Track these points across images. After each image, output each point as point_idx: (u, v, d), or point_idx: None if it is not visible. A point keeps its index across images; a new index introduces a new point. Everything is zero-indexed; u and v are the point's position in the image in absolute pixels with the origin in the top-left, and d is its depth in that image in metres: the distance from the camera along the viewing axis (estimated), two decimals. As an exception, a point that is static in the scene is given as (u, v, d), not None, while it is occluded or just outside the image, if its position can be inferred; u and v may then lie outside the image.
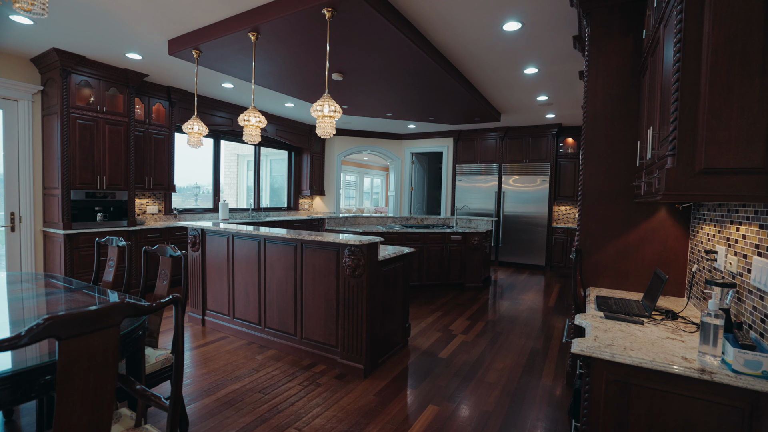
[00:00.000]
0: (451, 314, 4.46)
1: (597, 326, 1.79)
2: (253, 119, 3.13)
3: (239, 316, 3.58)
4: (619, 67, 2.60)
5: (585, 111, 2.70)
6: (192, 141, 3.59)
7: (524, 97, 5.48)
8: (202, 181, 8.86)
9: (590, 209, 2.70)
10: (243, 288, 3.54)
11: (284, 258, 3.24)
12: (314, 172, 8.33)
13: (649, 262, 2.55)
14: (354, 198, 16.19)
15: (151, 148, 5.15)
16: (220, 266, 3.70)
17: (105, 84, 4.47)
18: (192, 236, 3.84)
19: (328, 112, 2.67)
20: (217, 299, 3.75)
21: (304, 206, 8.62)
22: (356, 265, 2.79)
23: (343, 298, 2.93)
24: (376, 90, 5.03)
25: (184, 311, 1.37)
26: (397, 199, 9.32)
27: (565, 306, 4.93)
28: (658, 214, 2.52)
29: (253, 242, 3.43)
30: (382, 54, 3.73)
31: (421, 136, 8.79)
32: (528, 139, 7.62)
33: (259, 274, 3.42)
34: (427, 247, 5.56)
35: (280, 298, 3.29)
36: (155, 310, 1.06)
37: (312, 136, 8.20)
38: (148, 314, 1.05)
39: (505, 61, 4.12)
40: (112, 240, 2.37)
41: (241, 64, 4.07)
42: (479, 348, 3.47)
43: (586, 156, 2.70)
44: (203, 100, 5.82)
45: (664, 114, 1.65)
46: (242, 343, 3.42)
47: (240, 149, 9.94)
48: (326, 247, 2.99)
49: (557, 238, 7.40)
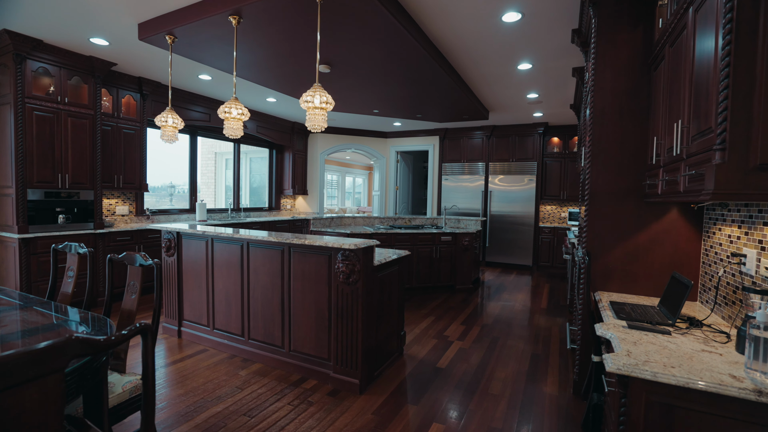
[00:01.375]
0: (444, 319, 4.28)
1: (624, 338, 1.63)
2: (234, 111, 2.85)
3: (220, 327, 3.29)
4: (628, 60, 2.48)
5: (592, 106, 2.56)
6: (166, 135, 3.27)
7: (515, 95, 5.37)
8: (177, 180, 8.40)
9: (597, 210, 2.56)
10: (224, 296, 3.25)
11: (270, 263, 2.98)
12: (297, 171, 8.02)
13: (660, 264, 2.43)
14: (336, 198, 15.88)
15: (121, 143, 4.75)
16: (197, 272, 3.40)
17: (67, 72, 4.07)
18: (166, 240, 3.52)
19: (319, 103, 2.43)
20: (195, 308, 3.44)
21: (287, 206, 8.30)
22: (351, 270, 2.57)
23: (335, 306, 2.69)
24: (365, 84, 4.80)
25: (155, 340, 1.12)
26: (382, 199, 9.11)
27: (558, 307, 4.84)
28: (669, 214, 2.40)
29: (235, 246, 3.15)
30: (374, 44, 3.51)
31: (406, 135, 8.61)
32: (515, 138, 7.55)
33: (242, 281, 3.14)
34: (417, 248, 5.38)
35: (266, 307, 3.03)
36: (115, 346, 0.82)
37: (294, 133, 7.88)
38: (105, 350, 0.81)
39: (500, 56, 3.97)
40: (70, 246, 2.06)
41: (221, 52, 3.77)
42: (478, 355, 3.30)
43: (593, 154, 2.57)
44: (179, 93, 5.44)
45: (700, 105, 1.50)
46: (223, 357, 3.14)
47: (218, 146, 9.51)
48: (317, 252, 2.75)
49: (544, 237, 7.37)
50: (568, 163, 7.27)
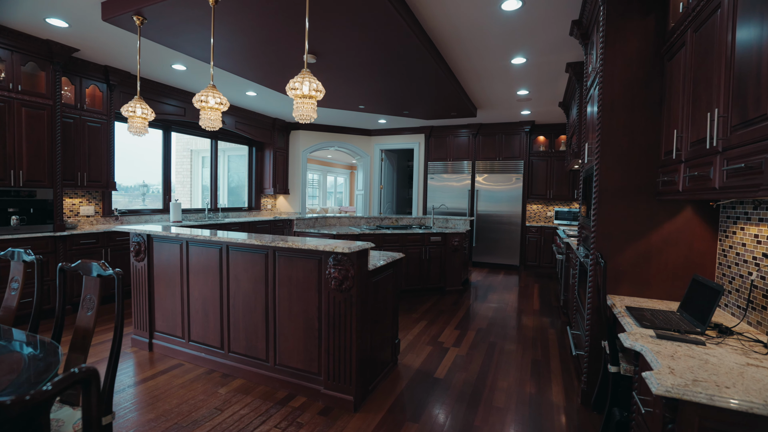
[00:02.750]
0: (437, 323, 4.09)
1: (658, 351, 1.46)
2: (211, 99, 2.55)
3: (196, 339, 2.98)
4: (638, 50, 2.34)
5: (601, 99, 2.41)
6: (134, 127, 2.93)
7: (505, 91, 5.24)
8: (151, 179, 7.93)
9: (607, 208, 2.41)
10: (200, 305, 2.95)
11: (252, 268, 2.70)
12: (278, 169, 7.68)
13: (673, 266, 2.30)
14: (317, 197, 15.54)
15: (85, 138, 4.34)
16: (171, 279, 3.08)
17: (20, 57, 3.65)
18: (135, 243, 3.18)
19: (308, 91, 2.18)
20: (169, 318, 3.12)
21: (267, 206, 7.95)
22: (344, 276, 2.33)
23: (327, 315, 2.45)
24: (353, 77, 4.56)
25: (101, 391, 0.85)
26: (366, 199, 8.87)
27: (551, 308, 4.74)
28: (683, 212, 2.28)
29: (213, 250, 2.85)
30: (365, 31, 3.27)
31: (391, 132, 8.40)
32: (501, 137, 7.46)
33: (221, 288, 2.85)
34: (406, 249, 5.18)
35: (248, 317, 2.75)
36: (31, 408, 0.56)
37: (275, 130, 7.54)
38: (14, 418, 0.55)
39: (496, 48, 3.81)
40: (14, 253, 1.74)
41: (196, 38, 3.45)
42: (476, 363, 3.12)
43: (602, 149, 2.42)
44: (150, 85, 5.05)
45: (747, 91, 1.34)
46: (201, 372, 2.84)
47: (194, 143, 9.04)
48: (305, 255, 2.50)
49: (531, 237, 7.30)
50: (554, 161, 7.23)
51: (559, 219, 7.05)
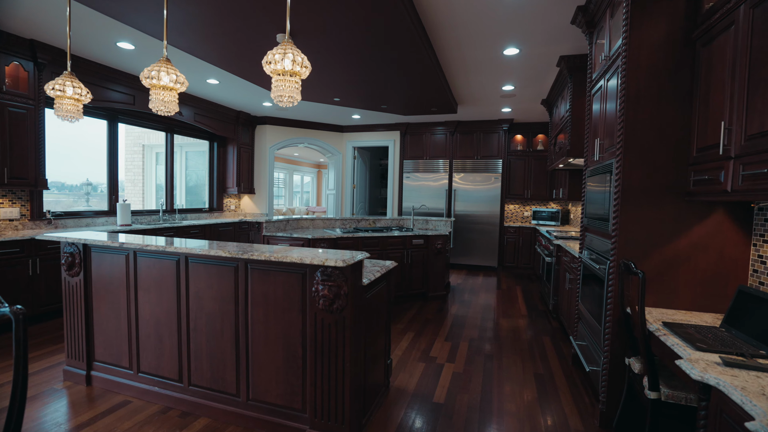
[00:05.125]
0: (425, 334, 3.75)
1: (744, 386, 1.19)
2: (165, 76, 2.04)
3: (148, 370, 2.46)
4: (666, 34, 2.10)
5: (624, 89, 2.16)
6: (63, 110, 2.34)
7: (490, 85, 5.00)
8: (97, 177, 7.04)
9: (631, 210, 2.17)
10: (153, 328, 2.42)
11: (219, 284, 2.22)
12: (242, 167, 7.07)
13: (703, 274, 2.09)
14: (284, 197, 14.84)
15: (5, 126, 3.62)
16: (115, 297, 2.52)
17: None
18: (68, 254, 2.59)
19: (290, 65, 1.75)
20: (113, 345, 2.56)
21: (230, 207, 7.31)
22: (335, 294, 1.92)
23: (313, 341, 2.03)
24: (331, 62, 4.12)
25: None
26: (338, 198, 8.42)
27: (539, 313, 4.54)
28: (714, 215, 2.06)
29: (169, 262, 2.34)
30: (351, 7, 2.86)
31: (365, 129, 8.00)
32: (479, 135, 7.27)
33: (179, 308, 2.34)
34: (387, 253, 4.81)
35: (213, 343, 2.27)
36: None
37: (240, 124, 6.92)
38: None
39: (489, 37, 3.52)
40: None
41: (146, 5, 2.89)
42: (476, 382, 2.80)
43: (625, 145, 2.16)
44: (91, 67, 4.35)
45: None
46: (154, 411, 2.32)
47: (147, 137, 8.18)
48: (286, 269, 2.06)
49: (509, 237, 7.17)
50: (533, 161, 7.13)
51: (537, 219, 6.96)
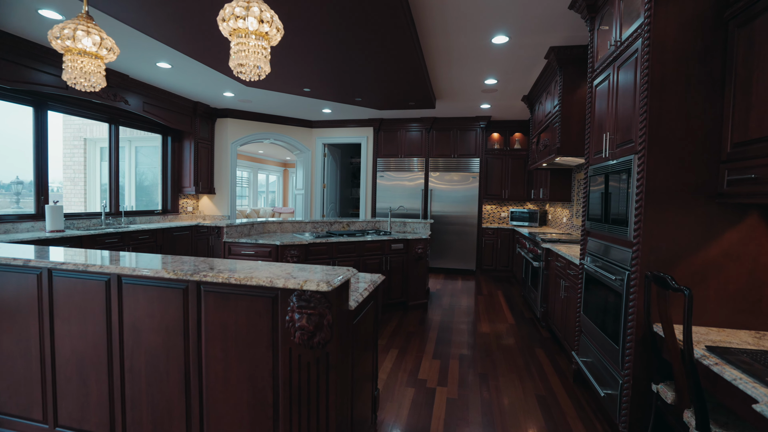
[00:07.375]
0: (410, 351, 3.38)
1: None
2: (85, 38, 1.51)
3: (68, 423, 1.91)
4: (694, 13, 1.83)
5: (647, 74, 1.88)
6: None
7: (472, 78, 4.70)
8: (28, 175, 6.13)
9: (656, 214, 1.89)
10: (75, 368, 1.88)
11: (162, 312, 1.73)
12: (200, 164, 6.40)
13: (735, 286, 1.84)
14: (247, 197, 14.03)
15: None
16: (22, 328, 1.95)
17: None
18: (-41, 274, 1.98)
19: (256, 24, 1.30)
20: (19, 392, 1.99)
21: (187, 209, 6.61)
22: (316, 325, 1.49)
23: (287, 384, 1.59)
24: (302, 46, 3.65)
25: None
26: (307, 199, 7.90)
27: (526, 321, 4.29)
28: (747, 219, 1.82)
29: (96, 283, 1.81)
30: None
31: (336, 125, 7.53)
32: (456, 132, 7.00)
33: (110, 343, 1.82)
34: (364, 260, 4.39)
35: (156, 387, 1.77)
36: None
37: (197, 116, 6.25)
38: None
39: (480, 21, 3.19)
40: None
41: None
42: (475, 410, 2.45)
43: (650, 138, 1.88)
44: (14, 42, 3.62)
45: None
46: (74, 479, 1.78)
47: (89, 130, 7.28)
48: (251, 293, 1.60)
49: (487, 239, 6.96)
50: (510, 160, 6.96)
51: (515, 220, 6.78)
